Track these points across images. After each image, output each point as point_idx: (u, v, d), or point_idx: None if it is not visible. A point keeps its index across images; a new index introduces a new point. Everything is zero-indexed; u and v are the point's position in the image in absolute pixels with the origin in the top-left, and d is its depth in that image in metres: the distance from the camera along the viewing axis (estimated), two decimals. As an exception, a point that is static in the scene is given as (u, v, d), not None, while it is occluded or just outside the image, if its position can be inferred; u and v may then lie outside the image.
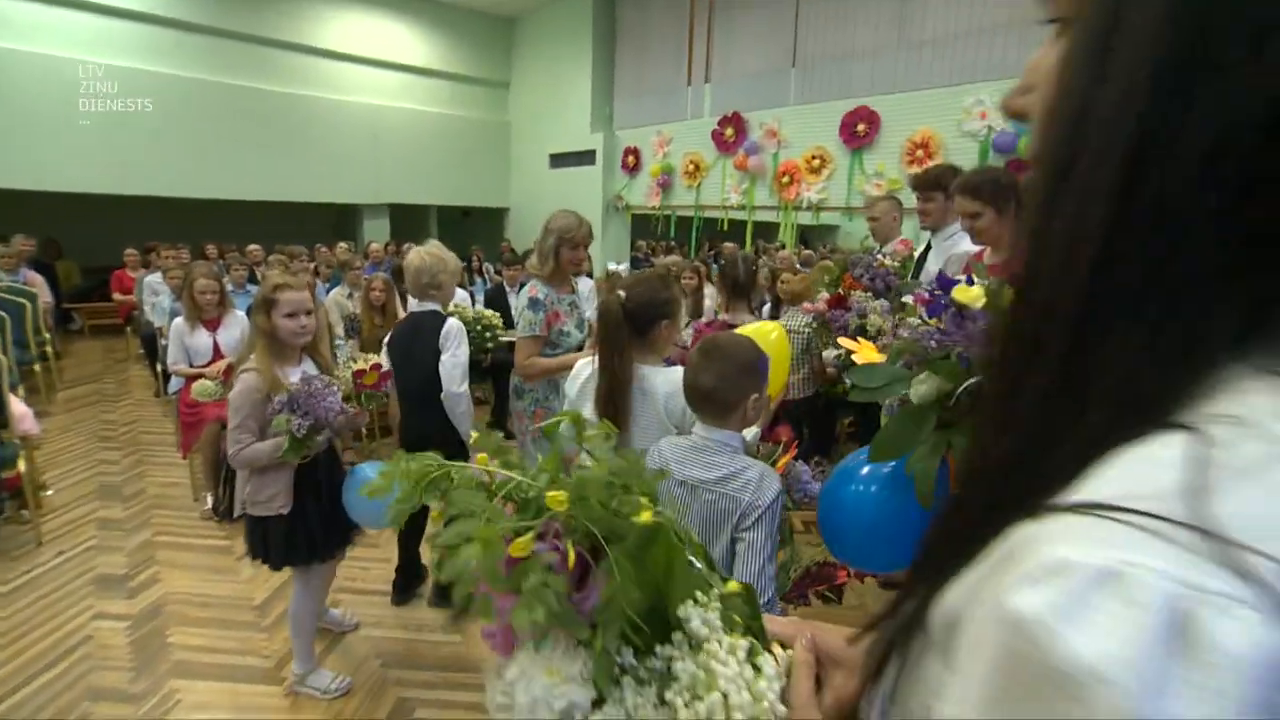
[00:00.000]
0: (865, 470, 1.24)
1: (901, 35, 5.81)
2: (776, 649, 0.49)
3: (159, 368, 4.84)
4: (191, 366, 3.44)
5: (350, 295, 4.93)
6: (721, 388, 1.33)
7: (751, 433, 1.55)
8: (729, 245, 8.12)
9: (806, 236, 8.93)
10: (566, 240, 2.51)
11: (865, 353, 1.23)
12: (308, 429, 1.83)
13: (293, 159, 8.27)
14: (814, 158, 6.49)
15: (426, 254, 2.52)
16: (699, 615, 0.45)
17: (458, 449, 2.62)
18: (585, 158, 8.94)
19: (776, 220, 7.24)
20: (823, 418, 3.75)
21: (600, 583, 0.43)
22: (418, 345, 2.45)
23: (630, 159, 8.47)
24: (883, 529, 1.19)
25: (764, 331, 2.48)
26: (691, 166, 7.65)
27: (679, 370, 1.62)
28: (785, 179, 6.72)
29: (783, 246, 7.72)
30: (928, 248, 2.84)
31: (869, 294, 2.91)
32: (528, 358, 2.52)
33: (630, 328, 1.70)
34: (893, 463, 1.20)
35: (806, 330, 3.21)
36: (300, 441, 1.84)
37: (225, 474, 3.23)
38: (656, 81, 8.11)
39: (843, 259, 3.19)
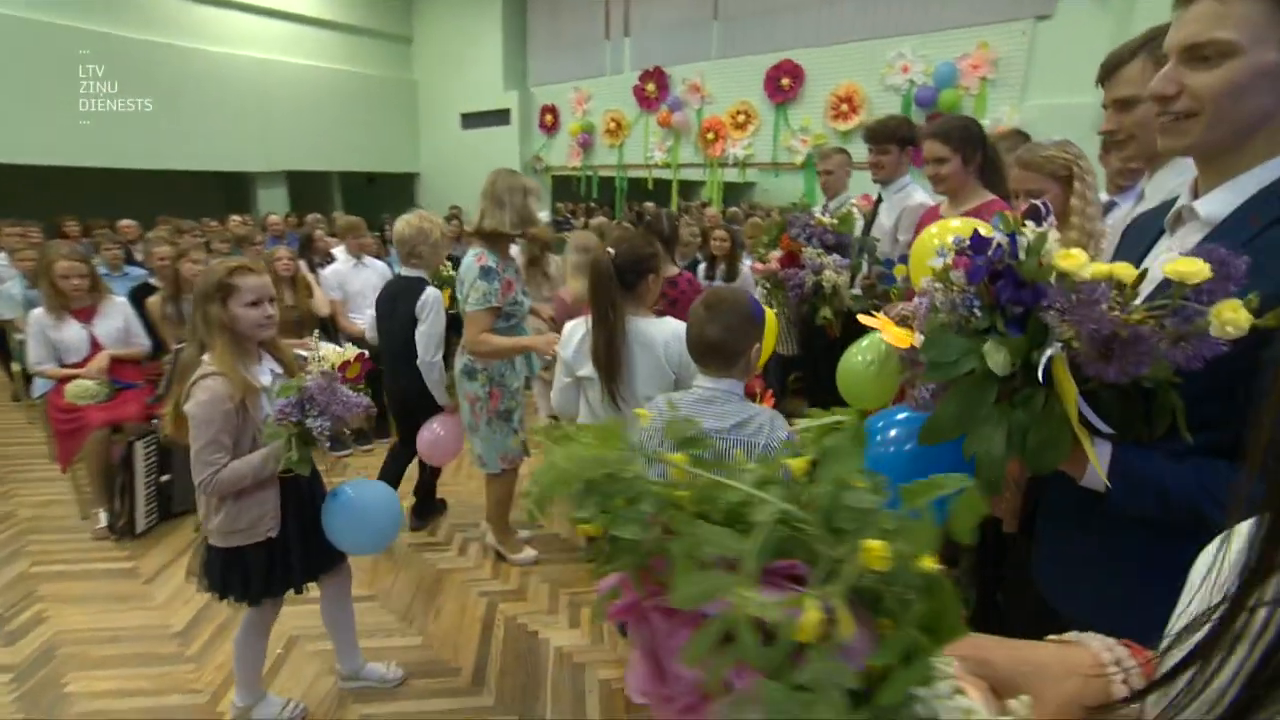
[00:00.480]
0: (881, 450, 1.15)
1: (821, -12, 5.73)
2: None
3: (14, 367, 4.12)
4: (62, 365, 2.97)
5: (251, 273, 4.45)
6: (729, 339, 1.43)
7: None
8: (649, 205, 7.96)
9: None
10: (537, 201, 2.41)
11: (890, 329, 1.11)
12: (329, 430, 1.59)
13: (164, 120, 7.27)
14: (739, 113, 6.38)
15: (407, 224, 2.65)
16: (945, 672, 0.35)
17: (436, 413, 2.69)
18: (500, 117, 8.46)
19: (703, 179, 7.12)
20: (773, 374, 3.74)
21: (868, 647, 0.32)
22: (400, 309, 2.61)
23: (548, 118, 8.08)
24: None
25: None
26: (613, 125, 7.37)
27: (670, 320, 1.85)
28: (710, 135, 6.58)
29: (709, 204, 7.64)
30: (878, 200, 2.78)
31: (820, 250, 2.84)
32: (481, 332, 2.34)
33: (620, 283, 1.82)
34: (910, 446, 1.12)
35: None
36: (308, 447, 1.60)
37: (121, 484, 2.83)
38: (574, 35, 7.70)
39: (781, 218, 3.10)
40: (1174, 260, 0.75)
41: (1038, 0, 4.74)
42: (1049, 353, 0.84)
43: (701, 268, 4.31)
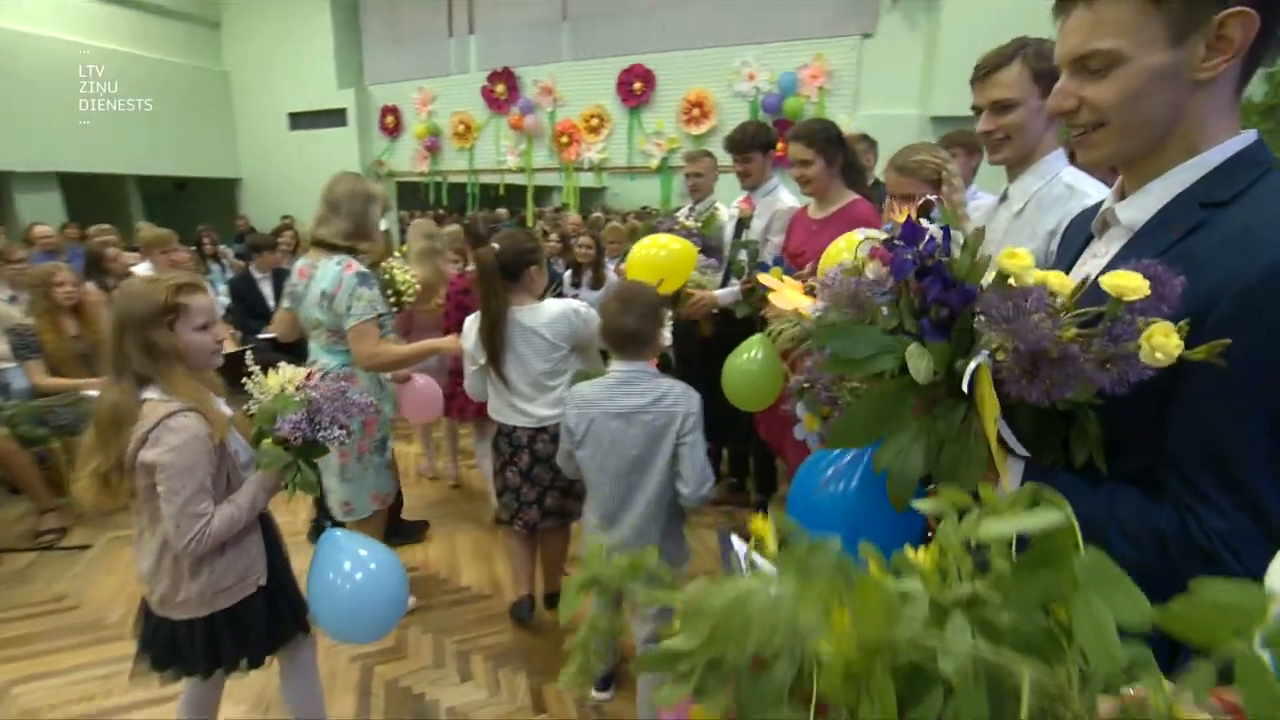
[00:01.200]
0: (830, 473, 1.10)
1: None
2: None
3: None
4: None
5: (12, 299, 3.62)
6: (643, 327, 1.69)
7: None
8: (500, 210, 7.71)
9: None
10: (381, 211, 2.21)
11: (790, 293, 1.04)
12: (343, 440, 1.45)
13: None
14: (592, 116, 6.32)
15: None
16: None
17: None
18: (334, 118, 7.75)
19: (558, 183, 6.99)
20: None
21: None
22: None
23: (389, 119, 7.52)
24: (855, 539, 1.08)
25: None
26: (461, 127, 7.01)
27: (552, 302, 2.08)
28: (564, 139, 6.47)
29: (565, 207, 7.52)
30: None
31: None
32: (377, 344, 2.10)
33: (503, 275, 2.01)
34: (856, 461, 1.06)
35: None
36: (313, 465, 1.43)
37: None
38: (414, 31, 7.23)
39: (645, 223, 3.08)
40: (1112, 273, 0.69)
41: (863, 19, 5.16)
42: (975, 362, 0.77)
43: (567, 275, 4.18)
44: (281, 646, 1.54)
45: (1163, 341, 0.65)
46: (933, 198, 1.50)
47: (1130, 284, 0.67)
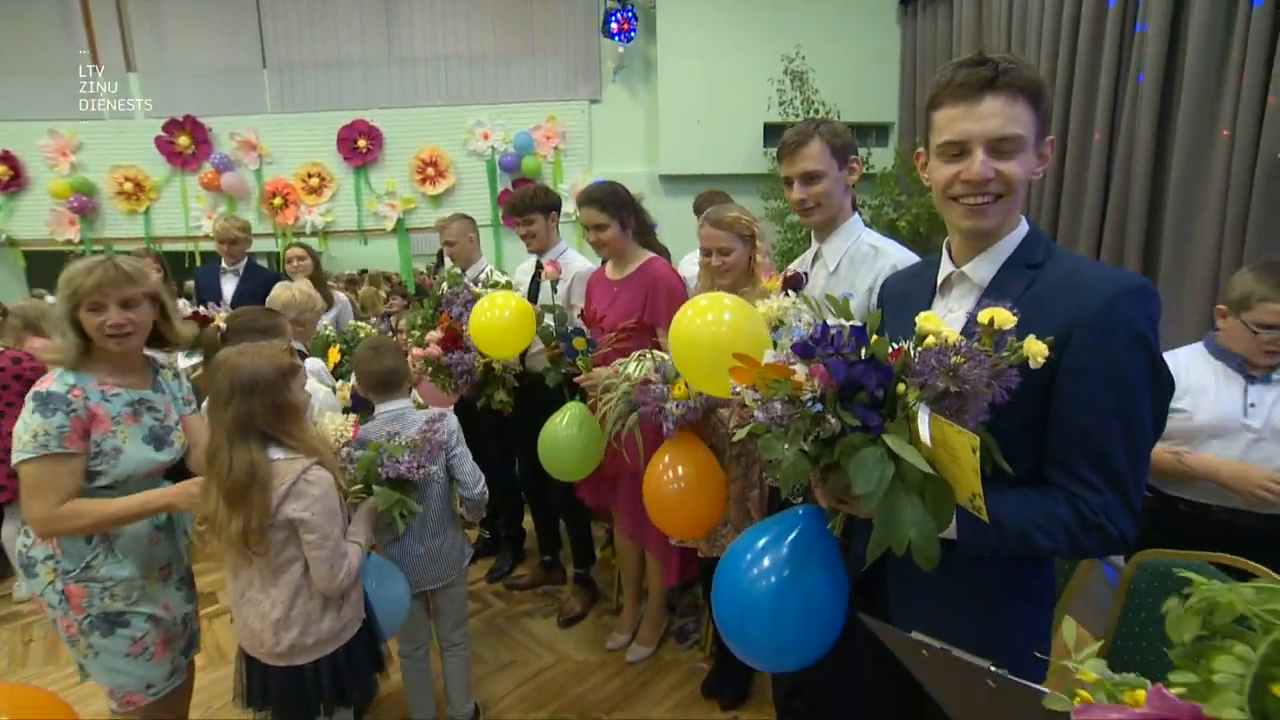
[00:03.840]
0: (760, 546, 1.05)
1: (392, 50, 5.50)
2: None
3: None
4: None
5: None
6: (399, 366, 2.00)
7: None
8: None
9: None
10: (85, 297, 1.51)
11: (750, 371, 0.97)
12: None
13: None
14: (311, 175, 5.62)
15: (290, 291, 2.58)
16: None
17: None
18: (-96, 170, 5.63)
19: (275, 249, 6.03)
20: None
21: None
22: None
23: (2, 170, 5.72)
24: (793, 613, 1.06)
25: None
26: (129, 185, 5.66)
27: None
28: (277, 201, 5.63)
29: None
30: (539, 267, 2.70)
31: None
32: (59, 503, 1.47)
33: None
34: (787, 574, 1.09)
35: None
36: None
37: None
38: (38, 57, 5.62)
39: (435, 296, 2.79)
40: (987, 310, 0.87)
41: (589, 87, 5.50)
42: (925, 418, 0.85)
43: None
44: (376, 679, 1.72)
45: (1038, 348, 0.84)
46: (801, 271, 1.59)
47: (1003, 316, 0.85)
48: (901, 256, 1.55)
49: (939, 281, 1.10)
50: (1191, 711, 0.33)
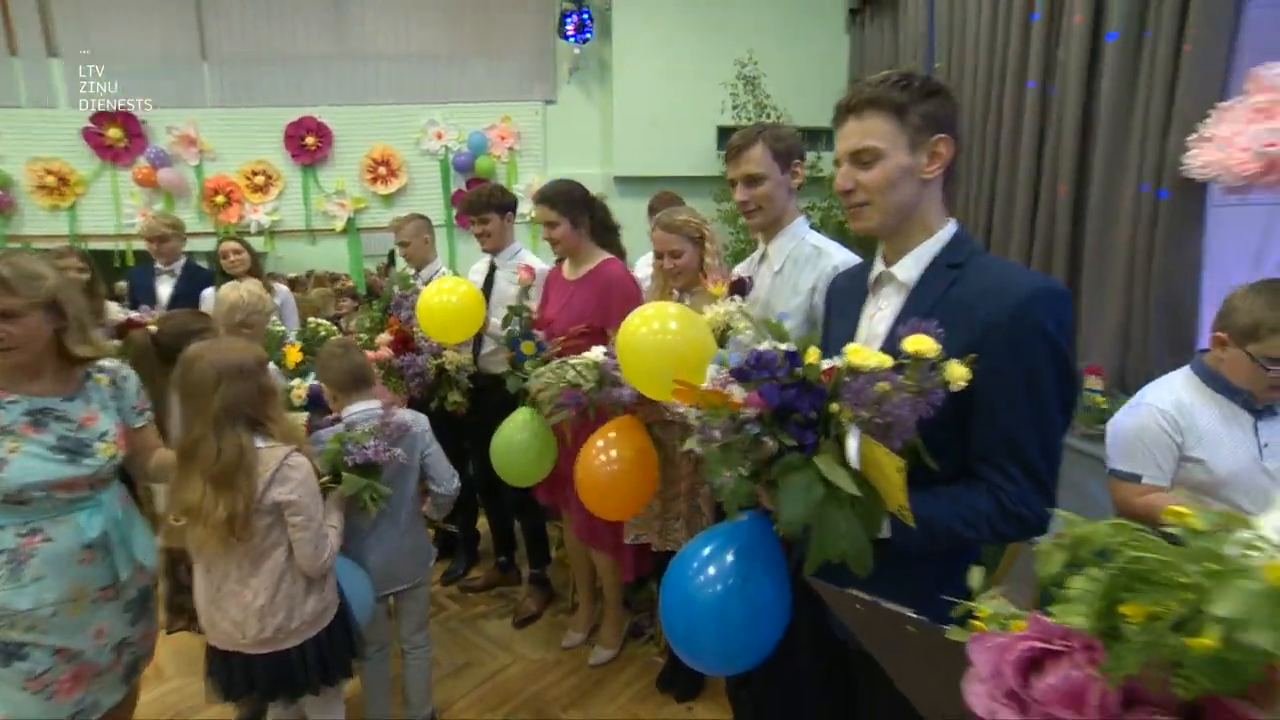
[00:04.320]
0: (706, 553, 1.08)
1: (343, 46, 5.37)
2: None
3: None
4: None
5: None
6: (367, 365, 2.00)
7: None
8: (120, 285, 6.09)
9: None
10: None
11: (693, 394, 1.01)
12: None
13: None
14: (256, 173, 5.45)
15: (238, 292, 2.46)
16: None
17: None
18: None
19: (213, 249, 5.82)
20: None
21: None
22: None
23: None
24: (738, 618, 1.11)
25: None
26: (51, 179, 5.38)
27: None
28: (220, 199, 5.44)
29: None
30: (493, 268, 2.70)
31: None
32: None
33: (160, 357, 2.00)
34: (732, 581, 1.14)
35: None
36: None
37: None
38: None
39: (384, 298, 2.76)
40: (911, 339, 0.95)
41: (544, 88, 5.49)
42: (855, 441, 0.92)
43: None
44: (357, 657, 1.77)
45: (961, 372, 0.92)
46: (747, 275, 1.65)
47: (925, 347, 0.93)
48: (843, 257, 1.62)
49: (871, 280, 1.17)
50: (1062, 631, 0.37)
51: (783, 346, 0.97)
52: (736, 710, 2.06)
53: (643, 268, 3.22)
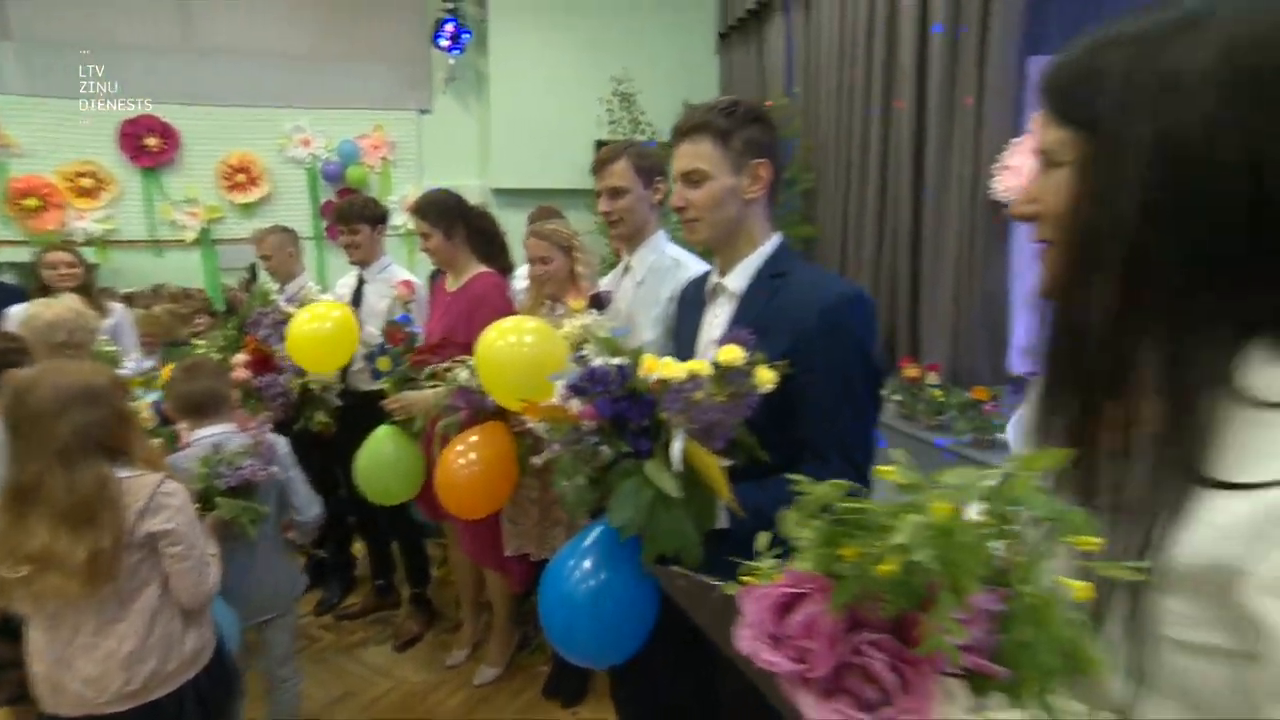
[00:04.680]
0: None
1: (187, 38, 4.93)
2: None
3: None
4: None
5: None
6: (215, 388, 1.87)
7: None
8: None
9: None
10: None
11: (541, 410, 1.06)
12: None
13: None
14: (82, 174, 4.89)
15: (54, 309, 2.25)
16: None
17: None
18: None
19: (28, 258, 5.14)
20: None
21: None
22: None
23: None
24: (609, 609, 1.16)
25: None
26: None
27: None
28: (32, 201, 4.82)
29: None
30: (361, 281, 2.60)
31: None
32: None
33: None
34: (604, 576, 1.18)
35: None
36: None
37: None
38: None
39: (239, 316, 2.60)
40: (721, 349, 1.04)
41: (420, 97, 5.36)
42: (679, 444, 1.01)
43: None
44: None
45: (767, 375, 1.03)
46: (606, 290, 1.72)
47: (733, 356, 1.03)
48: (698, 268, 1.73)
49: (708, 290, 1.29)
50: (809, 578, 0.45)
51: (615, 361, 1.04)
52: (619, 710, 2.12)
53: (520, 279, 3.23)
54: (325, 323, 2.23)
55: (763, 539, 0.54)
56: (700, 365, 1.02)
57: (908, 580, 0.40)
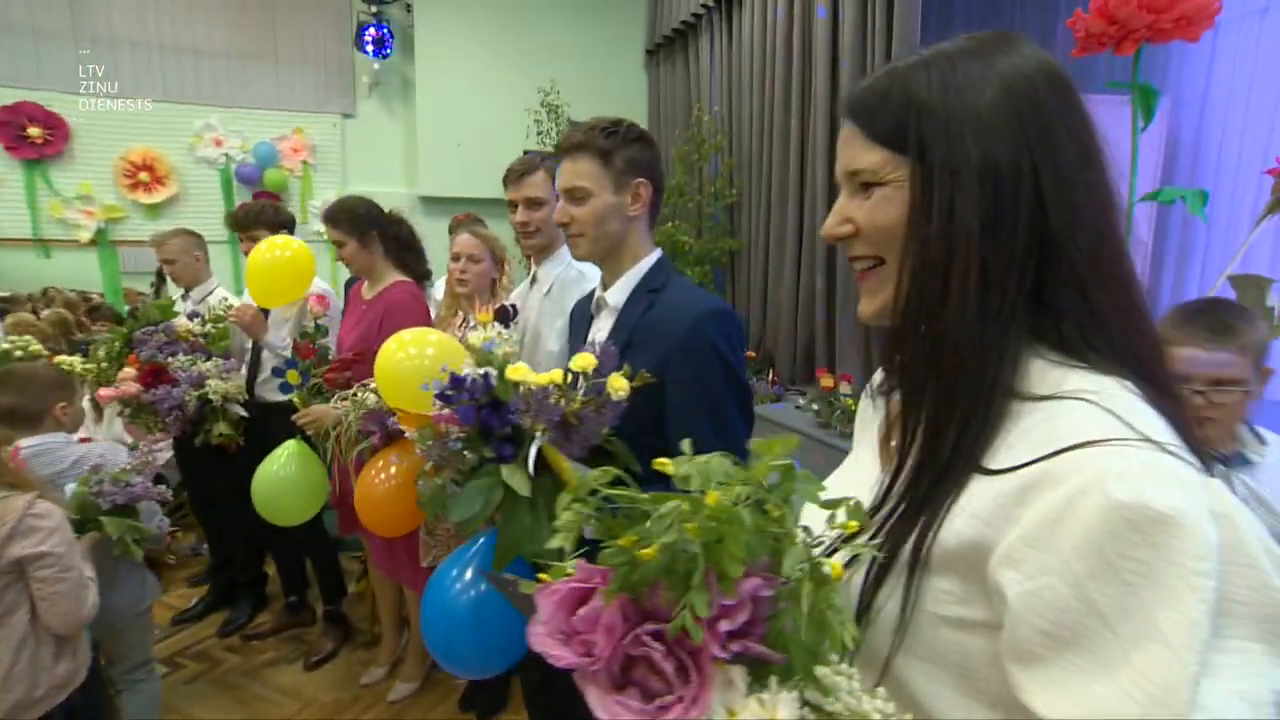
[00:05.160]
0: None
1: (77, 24, 4.61)
2: None
3: None
4: None
5: None
6: (21, 403, 1.75)
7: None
8: None
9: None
10: None
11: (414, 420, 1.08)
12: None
13: None
14: (-49, 167, 4.52)
15: None
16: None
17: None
18: None
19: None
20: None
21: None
22: None
23: None
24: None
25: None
26: None
27: None
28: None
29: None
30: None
31: (195, 357, 2.41)
32: None
33: None
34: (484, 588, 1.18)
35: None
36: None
37: None
38: None
39: (123, 331, 2.47)
40: (576, 357, 1.06)
41: (343, 101, 5.23)
42: (534, 448, 1.04)
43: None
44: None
45: (619, 384, 1.05)
46: (510, 304, 1.74)
47: (586, 363, 1.05)
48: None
49: (594, 304, 1.33)
50: (598, 571, 0.46)
51: (480, 370, 1.07)
52: (533, 716, 2.12)
53: (439, 288, 3.20)
54: (285, 250, 2.17)
55: (559, 538, 0.52)
56: (556, 374, 1.05)
57: (672, 566, 0.42)
